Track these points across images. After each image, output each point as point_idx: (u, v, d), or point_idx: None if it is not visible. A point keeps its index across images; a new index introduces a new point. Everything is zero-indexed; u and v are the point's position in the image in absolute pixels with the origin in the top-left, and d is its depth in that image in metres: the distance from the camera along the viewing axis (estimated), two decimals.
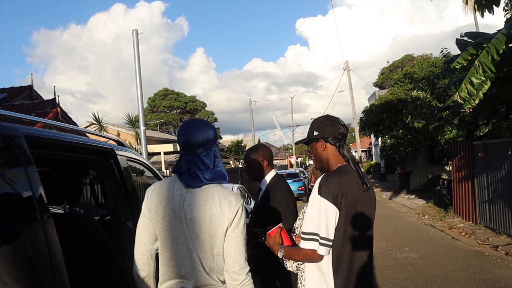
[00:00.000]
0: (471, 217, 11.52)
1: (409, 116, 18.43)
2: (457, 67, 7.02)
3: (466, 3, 6.05)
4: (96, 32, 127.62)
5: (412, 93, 19.51)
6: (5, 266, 1.71)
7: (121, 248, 3.04)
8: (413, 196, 19.14)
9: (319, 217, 2.28)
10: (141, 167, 3.62)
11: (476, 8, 6.38)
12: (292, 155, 60.10)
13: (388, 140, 20.56)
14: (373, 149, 43.79)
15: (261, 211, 3.58)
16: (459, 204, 12.45)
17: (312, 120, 2.70)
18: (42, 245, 1.88)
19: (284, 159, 65.33)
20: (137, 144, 15.84)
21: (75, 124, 19.57)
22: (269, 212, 3.48)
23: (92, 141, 2.98)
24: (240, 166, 26.56)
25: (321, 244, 2.28)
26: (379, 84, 45.96)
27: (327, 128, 2.51)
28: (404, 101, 20.12)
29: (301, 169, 31.98)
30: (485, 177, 10.69)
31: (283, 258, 2.51)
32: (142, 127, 13.39)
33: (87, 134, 3.57)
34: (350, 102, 32.31)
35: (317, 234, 2.28)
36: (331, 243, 2.30)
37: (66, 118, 18.84)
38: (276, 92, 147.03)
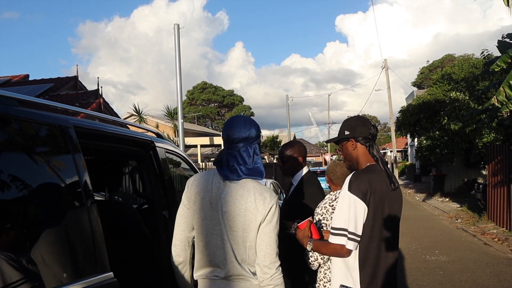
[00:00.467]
0: (505, 224, 11.25)
1: (446, 118, 18.05)
2: (496, 69, 6.88)
3: (508, 5, 5.91)
4: (139, 24, 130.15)
5: (451, 94, 19.09)
6: (50, 249, 1.87)
7: (156, 235, 3.20)
8: (447, 199, 18.77)
9: (348, 212, 2.37)
10: (178, 159, 3.77)
11: (506, 3, 6.20)
12: (327, 152, 59.72)
13: (424, 141, 20.20)
14: (409, 149, 43.00)
15: (291, 206, 3.66)
16: (493, 210, 12.17)
17: (344, 120, 2.76)
18: (86, 229, 2.04)
19: (319, 156, 64.93)
20: (175, 136, 16.14)
21: (116, 114, 20.09)
22: (299, 207, 3.56)
23: (133, 133, 3.14)
24: (275, 161, 26.62)
25: (349, 239, 2.36)
26: (418, 84, 45.07)
27: (358, 128, 2.58)
28: (442, 102, 19.71)
29: None
30: None
31: (312, 250, 2.60)
32: (180, 120, 13.67)
33: (128, 126, 3.74)
34: (387, 101, 31.88)
35: (345, 230, 2.36)
36: (359, 239, 2.37)
37: (108, 108, 19.37)
38: (313, 89, 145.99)
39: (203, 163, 16.61)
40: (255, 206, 2.22)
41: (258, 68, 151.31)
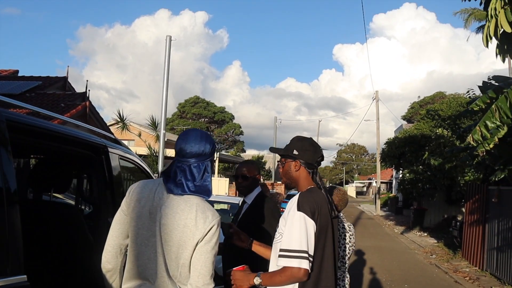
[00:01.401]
0: (478, 263, 11.20)
1: (426, 153, 18.15)
2: (475, 108, 6.92)
3: (487, 46, 5.97)
4: (139, 33, 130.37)
5: (437, 131, 19.22)
6: None
7: (99, 241, 3.07)
8: (425, 234, 18.73)
9: (300, 232, 2.30)
10: (134, 167, 3.67)
11: (497, 53, 6.29)
12: None
13: (408, 175, 20.25)
14: (394, 182, 43.14)
15: (244, 226, 3.57)
16: (467, 248, 12.12)
17: (296, 137, 2.68)
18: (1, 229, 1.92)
19: None
20: (156, 146, 15.96)
21: (102, 119, 19.93)
22: (253, 226, 3.48)
23: (83, 135, 3.03)
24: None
25: (304, 258, 2.28)
26: (408, 118, 45.51)
27: (308, 153, 2.54)
28: (428, 137, 19.84)
29: None
30: (497, 224, 10.40)
31: (260, 285, 2.46)
32: (162, 131, 13.53)
33: (86, 129, 3.63)
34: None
35: (301, 251, 2.29)
36: (312, 259, 2.31)
37: (93, 112, 19.23)
38: (306, 113, 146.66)
39: None
40: (195, 223, 2.14)
41: (253, 88, 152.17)
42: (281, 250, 2.36)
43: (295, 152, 2.54)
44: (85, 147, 3.04)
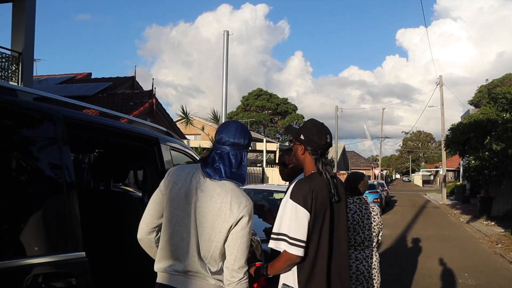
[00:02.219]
0: None
1: (488, 138, 17.26)
2: None
3: None
4: (202, 30, 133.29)
5: (504, 115, 18.24)
6: (27, 225, 2.06)
7: None
8: (492, 223, 17.91)
9: (289, 219, 2.40)
10: (185, 156, 3.90)
11: None
12: (378, 166, 58.52)
13: (473, 161, 19.40)
14: (461, 169, 41.39)
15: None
16: None
17: (309, 120, 2.71)
18: (62, 212, 2.21)
19: (369, 169, 63.74)
20: None
21: (167, 115, 20.70)
22: None
23: (136, 129, 3.31)
24: None
25: (291, 244, 2.38)
26: (475, 102, 43.32)
27: (313, 138, 2.55)
28: (494, 122, 18.87)
29: (381, 181, 31.10)
30: None
31: (268, 275, 2.55)
32: None
33: (139, 123, 3.90)
34: (446, 118, 31.00)
35: (285, 235, 2.39)
36: (303, 244, 2.39)
37: (160, 108, 20.05)
38: (370, 102, 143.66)
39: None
40: (229, 208, 2.23)
41: (316, 78, 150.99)
42: (272, 233, 2.48)
43: (302, 136, 2.58)
44: (139, 140, 3.32)
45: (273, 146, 17.45)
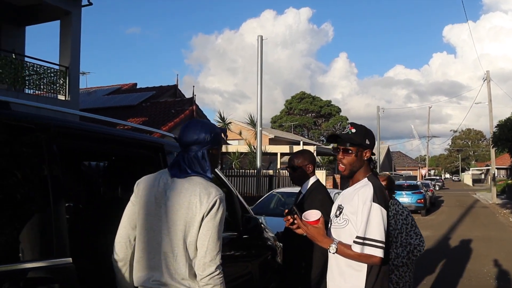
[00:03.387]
0: None
1: None
2: None
3: None
4: (246, 36, 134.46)
5: None
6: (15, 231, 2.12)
7: None
8: None
9: (381, 225, 2.35)
10: None
11: None
12: (425, 166, 56.77)
13: None
14: None
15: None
16: None
17: (361, 126, 2.64)
18: (48, 220, 2.26)
19: (416, 169, 61.93)
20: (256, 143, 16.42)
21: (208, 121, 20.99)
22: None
23: (140, 136, 3.34)
24: None
25: (379, 247, 2.33)
26: None
27: (373, 141, 2.63)
28: None
29: (426, 181, 30.03)
30: None
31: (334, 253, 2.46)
32: (258, 128, 13.99)
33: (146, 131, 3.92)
34: (496, 115, 29.67)
35: (377, 241, 2.34)
36: (385, 246, 2.36)
37: (200, 115, 20.31)
38: (417, 101, 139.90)
39: (284, 171, 16.70)
40: (199, 200, 2.19)
41: (361, 79, 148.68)
42: (357, 237, 2.37)
43: (367, 141, 2.56)
44: (143, 148, 3.34)
45: (311, 149, 17.28)
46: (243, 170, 14.07)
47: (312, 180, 3.68)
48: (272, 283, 4.51)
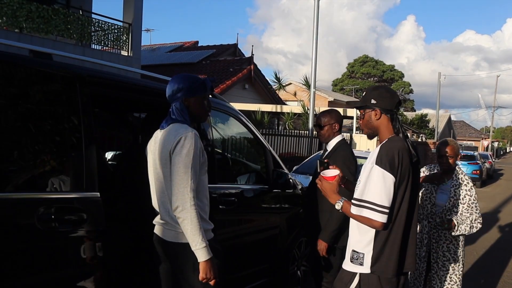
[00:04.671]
0: None
1: None
2: None
3: None
4: None
5: None
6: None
7: None
8: None
9: (378, 186, 2.29)
10: (224, 113, 4.08)
11: None
12: (488, 138, 53.92)
13: None
14: None
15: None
16: None
17: (371, 86, 2.63)
18: (81, 157, 2.55)
19: (479, 140, 58.96)
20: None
21: (266, 81, 20.96)
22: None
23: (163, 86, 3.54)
24: (419, 140, 25.13)
25: (379, 212, 2.27)
26: None
27: (386, 100, 2.47)
28: None
29: (485, 152, 28.55)
30: None
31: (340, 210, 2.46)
32: (312, 89, 13.92)
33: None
34: None
35: (375, 204, 2.28)
36: (387, 211, 2.28)
37: (258, 74, 20.41)
38: (486, 69, 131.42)
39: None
40: (168, 140, 2.38)
41: (428, 44, 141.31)
42: (354, 199, 2.37)
43: (373, 101, 2.48)
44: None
45: None
46: (296, 131, 14.13)
47: (337, 139, 3.71)
48: (300, 238, 4.65)
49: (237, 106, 15.83)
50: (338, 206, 2.44)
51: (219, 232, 3.61)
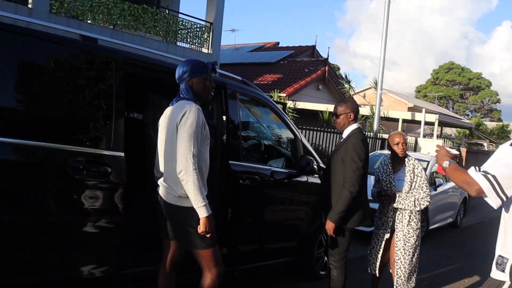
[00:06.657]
0: None
1: None
2: None
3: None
4: (401, 1, 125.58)
5: None
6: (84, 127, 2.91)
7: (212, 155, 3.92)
8: None
9: (504, 164, 2.08)
10: (255, 100, 4.37)
11: None
12: None
13: None
14: None
15: (333, 155, 3.91)
16: None
17: None
18: (110, 124, 3.02)
19: None
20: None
21: (339, 83, 20.75)
22: (336, 157, 3.80)
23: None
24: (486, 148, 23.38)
25: (492, 185, 2.04)
26: None
27: None
28: None
29: None
30: None
31: (444, 169, 2.39)
32: (378, 91, 13.74)
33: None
34: None
35: (491, 175, 2.05)
36: (504, 197, 2.06)
37: (332, 75, 20.35)
38: None
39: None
40: (176, 113, 2.67)
41: None
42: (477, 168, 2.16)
43: None
44: None
45: (432, 118, 16.24)
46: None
47: (352, 127, 3.80)
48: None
49: (308, 105, 15.99)
50: (445, 164, 2.38)
51: (247, 205, 4.00)
